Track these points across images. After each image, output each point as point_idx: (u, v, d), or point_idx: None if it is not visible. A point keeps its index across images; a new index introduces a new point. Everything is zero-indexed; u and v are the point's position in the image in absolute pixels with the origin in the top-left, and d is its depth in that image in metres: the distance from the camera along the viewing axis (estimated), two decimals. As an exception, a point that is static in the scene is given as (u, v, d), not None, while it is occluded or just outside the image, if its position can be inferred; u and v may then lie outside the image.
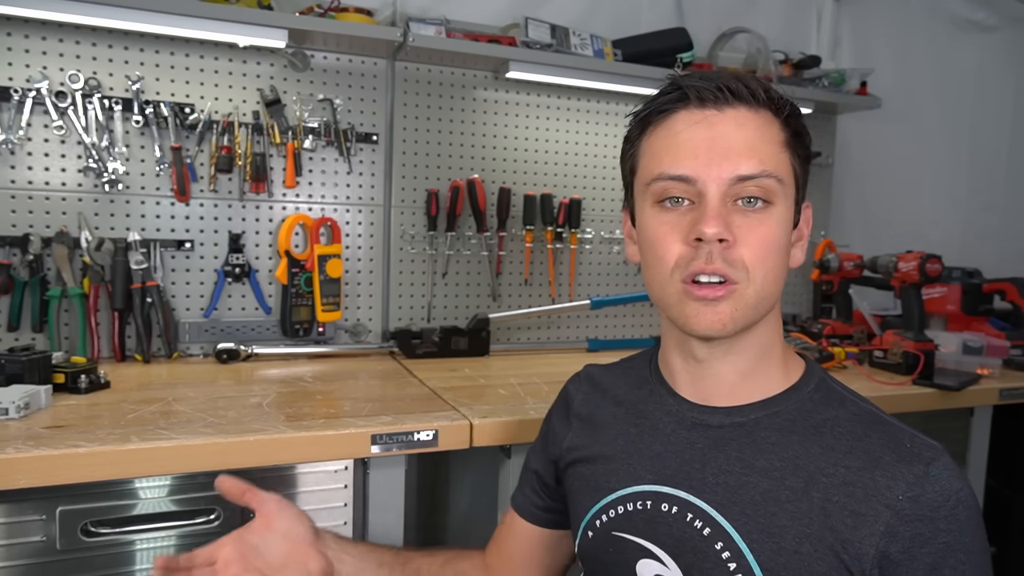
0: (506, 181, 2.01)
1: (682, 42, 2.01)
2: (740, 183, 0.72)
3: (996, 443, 1.75)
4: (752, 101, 0.74)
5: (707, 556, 0.73)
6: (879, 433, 0.73)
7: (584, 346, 2.06)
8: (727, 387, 0.79)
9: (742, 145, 0.72)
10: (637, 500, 0.80)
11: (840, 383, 0.81)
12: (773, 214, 0.73)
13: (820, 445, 0.73)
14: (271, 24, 1.59)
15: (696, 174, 0.72)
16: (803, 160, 0.78)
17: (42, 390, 1.19)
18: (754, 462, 0.75)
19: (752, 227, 0.72)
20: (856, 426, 0.74)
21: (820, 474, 0.71)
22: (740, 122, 0.73)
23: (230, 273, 1.74)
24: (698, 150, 0.73)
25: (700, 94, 0.74)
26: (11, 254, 1.56)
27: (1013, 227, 2.82)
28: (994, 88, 2.75)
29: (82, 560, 1.02)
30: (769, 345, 0.79)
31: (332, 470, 1.15)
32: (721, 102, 0.73)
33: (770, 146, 0.74)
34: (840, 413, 0.76)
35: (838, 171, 2.48)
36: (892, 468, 0.69)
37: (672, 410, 0.82)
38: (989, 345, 1.81)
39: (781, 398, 0.78)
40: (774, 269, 0.74)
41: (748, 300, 0.73)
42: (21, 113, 1.54)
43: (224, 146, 1.70)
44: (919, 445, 0.71)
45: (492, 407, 1.29)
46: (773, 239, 0.73)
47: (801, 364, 0.82)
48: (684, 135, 0.74)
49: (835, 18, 2.46)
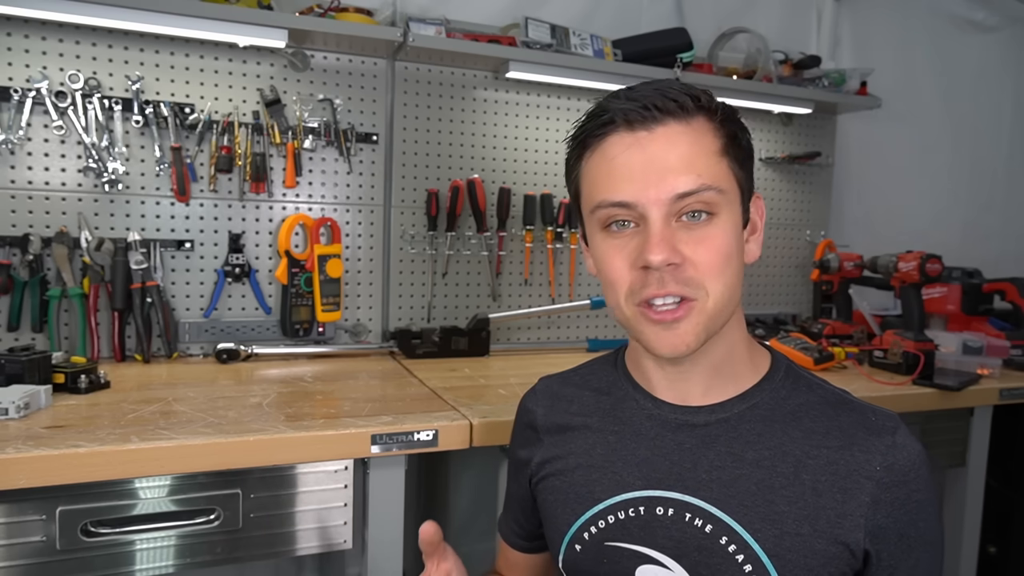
0: (506, 181, 2.01)
1: (682, 42, 2.01)
2: (680, 200, 0.71)
3: (996, 443, 1.75)
4: (681, 113, 0.73)
5: (713, 552, 0.74)
6: (847, 412, 0.77)
7: (584, 346, 2.06)
8: (702, 388, 0.80)
9: (676, 162, 0.72)
10: (628, 507, 0.79)
11: (803, 369, 0.84)
12: (719, 224, 0.73)
13: (800, 430, 0.77)
14: (271, 24, 1.59)
15: (635, 199, 0.72)
16: (743, 161, 0.77)
17: (42, 390, 1.19)
18: (744, 454, 0.76)
19: (699, 241, 0.72)
20: (827, 408, 0.78)
21: (806, 457, 0.75)
22: (672, 139, 0.72)
23: (230, 273, 1.74)
24: (633, 174, 0.72)
25: (628, 116, 0.73)
26: (11, 254, 1.56)
27: (1013, 227, 2.82)
28: (994, 88, 2.76)
29: (82, 560, 1.02)
30: (735, 341, 0.80)
31: (332, 470, 1.15)
32: (650, 121, 0.72)
33: (706, 158, 0.73)
34: (810, 397, 0.79)
35: (838, 171, 2.48)
36: (865, 442, 0.74)
37: (653, 414, 0.82)
38: (989, 345, 1.81)
39: (756, 390, 0.80)
40: (730, 277, 0.74)
41: (707, 312, 0.73)
42: (21, 113, 1.54)
43: (224, 146, 1.70)
44: (881, 417, 0.76)
45: (492, 407, 1.29)
46: (723, 249, 0.73)
47: (766, 353, 0.84)
48: (619, 160, 0.74)
49: (835, 18, 2.46)
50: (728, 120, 0.76)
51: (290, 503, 1.13)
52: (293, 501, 1.13)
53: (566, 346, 2.08)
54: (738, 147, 0.76)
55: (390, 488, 1.20)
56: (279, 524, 1.13)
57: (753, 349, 0.83)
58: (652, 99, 0.72)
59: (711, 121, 0.75)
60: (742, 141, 0.77)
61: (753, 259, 0.81)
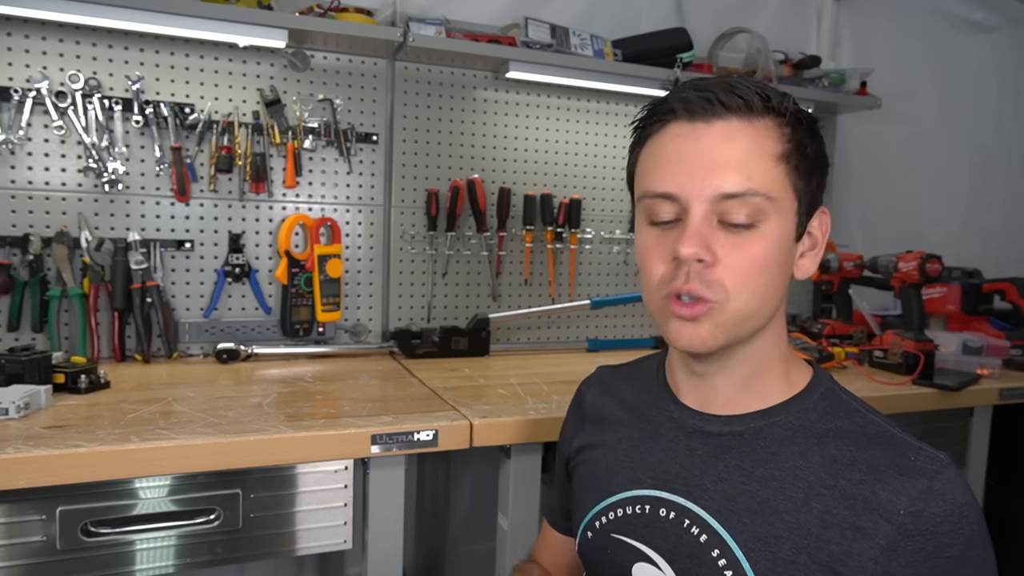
0: (506, 181, 2.01)
1: (682, 42, 2.01)
2: (725, 200, 0.69)
3: (996, 443, 1.75)
4: (746, 111, 0.70)
5: (703, 562, 0.73)
6: (883, 446, 0.71)
7: (584, 346, 2.06)
8: (723, 398, 0.79)
9: (729, 159, 0.69)
10: (636, 504, 0.80)
11: (851, 394, 0.79)
12: (762, 232, 0.71)
13: (821, 456, 0.72)
14: (271, 24, 1.59)
15: (680, 191, 0.71)
16: (808, 171, 0.73)
17: (42, 390, 1.19)
18: (753, 471, 0.74)
19: (736, 246, 0.70)
20: (861, 438, 0.72)
21: (820, 485, 0.71)
22: (729, 136, 0.70)
23: (230, 273, 1.74)
24: (683, 164, 0.71)
25: (688, 107, 0.71)
26: (11, 254, 1.56)
27: (1013, 227, 2.82)
28: (994, 88, 2.76)
29: (82, 560, 1.02)
30: (767, 358, 0.78)
31: (332, 470, 1.15)
32: (710, 114, 0.70)
33: (761, 161, 0.70)
34: (845, 424, 0.74)
35: (838, 171, 2.48)
36: (894, 482, 0.68)
37: (674, 416, 0.82)
38: (989, 345, 1.81)
39: (782, 408, 0.77)
40: (762, 287, 0.72)
41: (729, 317, 0.71)
42: (21, 113, 1.54)
43: (224, 146, 1.70)
44: (924, 458, 0.69)
45: (492, 407, 1.29)
46: (759, 258, 0.71)
47: (807, 373, 0.80)
48: (671, 148, 0.72)
49: (835, 18, 2.46)
50: (798, 126, 0.72)
51: (290, 503, 1.13)
52: (293, 501, 1.13)
53: (566, 346, 2.08)
54: (802, 156, 0.72)
55: (390, 488, 1.20)
56: (279, 524, 1.13)
57: (793, 367, 0.80)
58: (717, 92, 0.70)
59: (778, 125, 0.71)
60: (809, 150, 0.73)
61: (807, 275, 0.77)
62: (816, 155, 0.74)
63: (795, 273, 0.77)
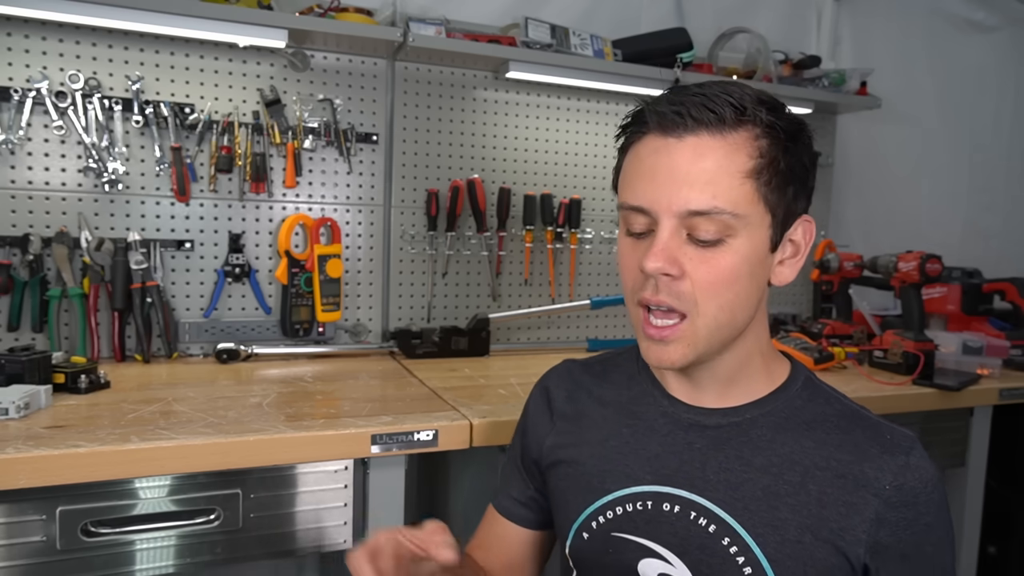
0: (506, 181, 2.01)
1: (682, 42, 2.01)
2: (692, 217, 0.70)
3: (996, 443, 1.75)
4: (717, 125, 0.70)
5: (715, 552, 0.75)
6: (862, 427, 0.77)
7: (584, 346, 2.06)
8: (713, 394, 0.81)
9: (697, 178, 0.69)
10: (637, 501, 0.80)
11: (824, 382, 0.84)
12: (731, 247, 0.71)
13: (812, 440, 0.77)
14: (271, 24, 1.59)
15: (650, 206, 0.72)
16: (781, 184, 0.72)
17: (42, 390, 1.19)
18: (752, 459, 0.77)
19: (704, 260, 0.71)
20: (842, 421, 0.78)
21: (815, 468, 0.75)
22: (699, 152, 0.70)
23: (230, 273, 1.74)
24: (656, 180, 0.72)
25: (661, 121, 0.71)
26: (11, 254, 1.56)
27: (1013, 227, 2.82)
28: (994, 88, 2.75)
29: (82, 560, 1.02)
30: (747, 359, 0.80)
31: (332, 470, 1.15)
32: (681, 128, 0.70)
33: (729, 179, 0.70)
34: (827, 410, 0.80)
35: (838, 171, 2.48)
36: (878, 459, 0.74)
37: (667, 411, 0.83)
38: (989, 345, 1.81)
39: (770, 398, 0.81)
40: (731, 300, 0.73)
41: (699, 333, 0.73)
42: (21, 113, 1.54)
43: (224, 146, 1.70)
44: (897, 436, 0.76)
45: (492, 407, 1.29)
46: (727, 273, 0.71)
47: (786, 365, 0.84)
48: (646, 163, 0.73)
49: (835, 18, 2.46)
50: (775, 137, 0.72)
51: (290, 503, 1.13)
52: (293, 501, 1.13)
53: (566, 346, 2.08)
54: (775, 170, 0.71)
55: (390, 488, 1.20)
56: (279, 524, 1.13)
57: (771, 361, 0.83)
58: (690, 107, 0.70)
59: (753, 138, 0.71)
60: (782, 164, 0.72)
61: (784, 282, 0.79)
62: (794, 166, 0.73)
63: (772, 280, 0.78)
